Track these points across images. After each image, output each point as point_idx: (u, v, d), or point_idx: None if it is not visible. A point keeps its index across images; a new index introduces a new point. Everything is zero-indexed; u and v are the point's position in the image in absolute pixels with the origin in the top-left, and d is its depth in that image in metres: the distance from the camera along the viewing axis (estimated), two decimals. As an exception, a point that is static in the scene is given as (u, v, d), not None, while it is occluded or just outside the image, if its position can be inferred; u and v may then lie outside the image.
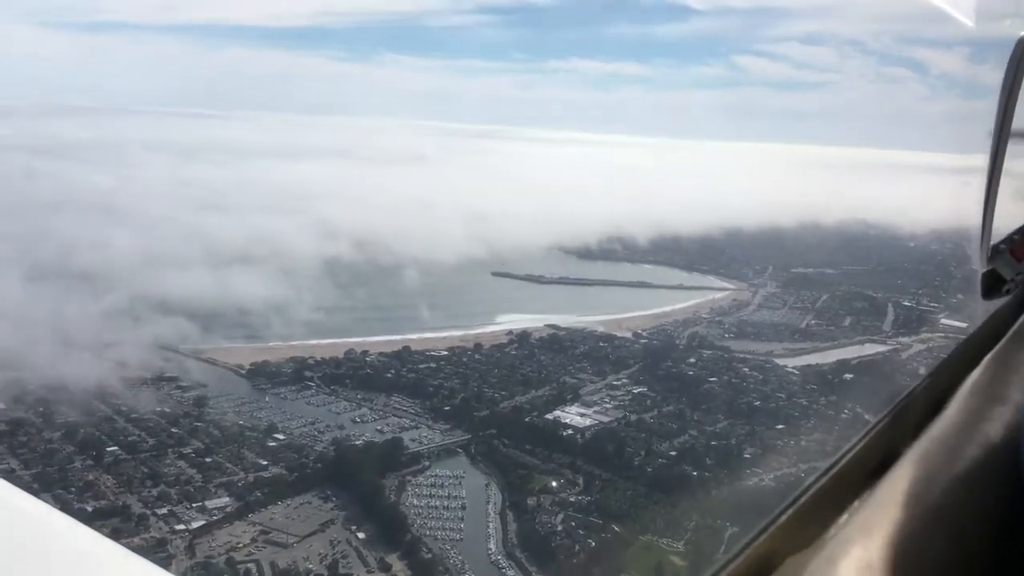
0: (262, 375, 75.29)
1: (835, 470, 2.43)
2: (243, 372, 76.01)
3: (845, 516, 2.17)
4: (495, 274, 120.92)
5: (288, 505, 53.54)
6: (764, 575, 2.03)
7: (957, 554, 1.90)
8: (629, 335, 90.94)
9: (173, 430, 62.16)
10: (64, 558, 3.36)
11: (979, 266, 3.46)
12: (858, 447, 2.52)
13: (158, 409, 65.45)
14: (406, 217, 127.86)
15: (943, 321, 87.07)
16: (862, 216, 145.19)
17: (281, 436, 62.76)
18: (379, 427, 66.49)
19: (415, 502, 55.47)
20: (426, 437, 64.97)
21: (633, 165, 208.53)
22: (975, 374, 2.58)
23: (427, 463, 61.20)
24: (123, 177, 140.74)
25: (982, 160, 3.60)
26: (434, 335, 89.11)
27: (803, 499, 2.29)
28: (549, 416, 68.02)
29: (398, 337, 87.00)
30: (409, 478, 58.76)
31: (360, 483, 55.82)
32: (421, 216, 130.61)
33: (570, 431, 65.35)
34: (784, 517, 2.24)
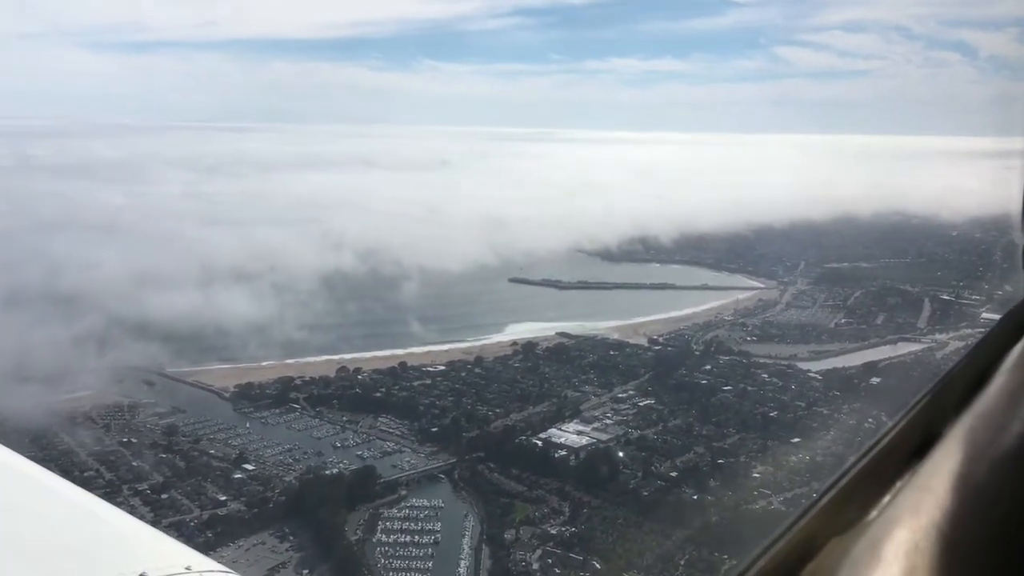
0: (246, 398, 71.18)
1: (877, 450, 2.28)
2: (227, 395, 72.00)
3: (888, 497, 2.09)
4: (512, 280, 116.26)
5: (239, 547, 48.94)
6: (807, 558, 2.01)
7: (1006, 533, 1.84)
8: (644, 341, 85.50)
9: (135, 463, 58.27)
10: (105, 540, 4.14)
11: (1022, 237, 2.87)
12: (900, 426, 2.35)
13: (124, 440, 61.64)
14: (417, 225, 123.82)
15: (985, 315, 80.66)
16: (902, 206, 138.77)
17: (250, 466, 58.40)
18: (360, 452, 61.93)
19: (383, 538, 50.64)
20: (408, 462, 60.26)
21: (664, 162, 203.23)
22: (1018, 347, 2.44)
23: (404, 492, 56.37)
24: (135, 194, 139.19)
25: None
26: (435, 348, 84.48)
27: (845, 480, 2.18)
28: (543, 435, 62.91)
29: (399, 351, 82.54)
30: (382, 511, 53.99)
31: (324, 519, 51.05)
32: (434, 223, 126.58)
33: (563, 452, 60.12)
34: (826, 498, 2.14)
